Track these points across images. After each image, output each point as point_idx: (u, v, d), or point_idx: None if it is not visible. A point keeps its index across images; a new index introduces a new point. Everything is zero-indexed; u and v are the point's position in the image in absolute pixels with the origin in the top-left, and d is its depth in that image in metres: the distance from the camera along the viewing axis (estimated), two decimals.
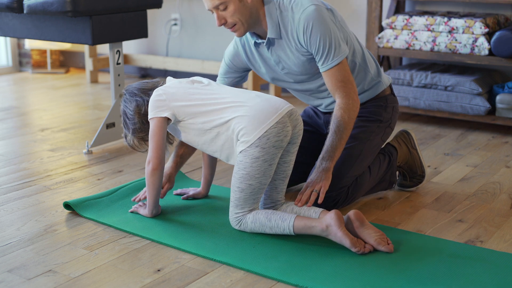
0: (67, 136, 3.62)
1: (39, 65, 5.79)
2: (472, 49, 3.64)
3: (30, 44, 5.48)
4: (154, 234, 2.27)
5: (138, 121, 2.37)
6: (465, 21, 3.64)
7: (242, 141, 2.19)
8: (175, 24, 5.15)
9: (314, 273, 1.99)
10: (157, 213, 2.43)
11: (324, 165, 2.37)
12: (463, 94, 3.69)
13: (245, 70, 2.61)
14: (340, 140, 2.37)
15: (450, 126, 3.85)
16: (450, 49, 3.71)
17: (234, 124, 2.20)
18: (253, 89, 4.33)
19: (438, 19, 3.73)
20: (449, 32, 3.70)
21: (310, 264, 2.06)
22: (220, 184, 2.82)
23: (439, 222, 2.43)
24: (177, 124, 2.31)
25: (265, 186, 2.24)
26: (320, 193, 2.32)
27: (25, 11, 3.26)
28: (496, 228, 2.37)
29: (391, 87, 2.68)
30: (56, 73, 5.61)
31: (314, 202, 2.33)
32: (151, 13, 5.18)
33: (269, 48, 2.44)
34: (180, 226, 2.35)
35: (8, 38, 5.72)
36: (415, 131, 3.71)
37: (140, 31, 3.47)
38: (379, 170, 2.61)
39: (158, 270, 2.03)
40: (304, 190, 2.35)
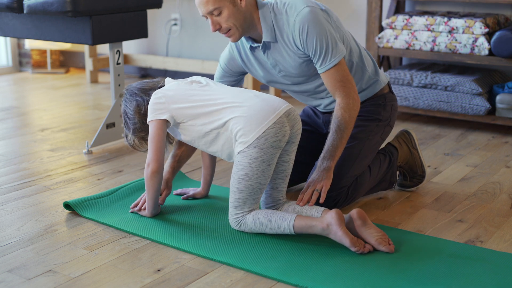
0: (67, 136, 3.62)
1: (39, 65, 5.79)
2: (472, 49, 3.64)
3: (30, 44, 5.48)
4: (154, 234, 2.27)
5: (138, 121, 2.38)
6: (465, 21, 3.64)
7: (240, 141, 2.19)
8: (175, 24, 5.15)
9: (314, 273, 1.99)
10: (157, 213, 2.43)
11: (325, 164, 2.37)
12: (463, 94, 3.69)
13: (241, 74, 2.61)
14: (341, 139, 2.37)
15: (450, 126, 3.85)
16: (450, 49, 3.71)
17: (232, 125, 2.20)
18: (253, 89, 4.32)
19: (438, 19, 3.73)
20: (449, 32, 3.70)
21: (310, 264, 2.06)
22: (220, 184, 2.82)
23: (439, 222, 2.43)
24: (177, 126, 2.32)
25: (264, 186, 2.24)
26: (322, 192, 2.33)
27: (25, 11, 3.26)
28: (496, 228, 2.37)
29: (389, 85, 2.68)
30: (56, 73, 5.61)
31: (315, 202, 2.33)
32: (151, 13, 5.18)
33: (265, 51, 2.44)
34: (180, 226, 2.35)
35: (8, 38, 5.72)
36: (415, 131, 3.71)
37: (140, 31, 3.47)
38: (379, 170, 2.61)
39: (158, 270, 2.03)
40: (305, 190, 2.35)
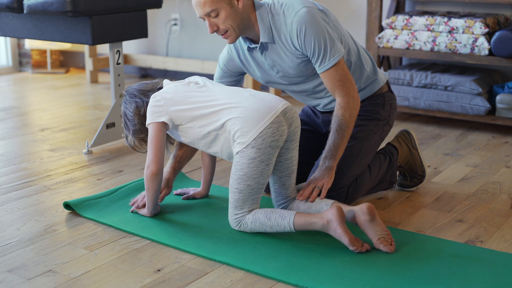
0: (67, 136, 3.62)
1: (39, 65, 5.79)
2: (472, 49, 3.64)
3: (30, 44, 5.48)
4: (154, 234, 2.27)
5: (138, 122, 2.38)
6: (465, 21, 3.64)
7: (238, 142, 2.19)
8: (175, 24, 5.15)
9: (314, 273, 1.99)
10: (156, 213, 2.43)
11: (327, 164, 2.37)
12: (463, 94, 3.69)
13: (240, 74, 2.61)
14: (342, 138, 2.37)
15: (450, 126, 3.85)
16: (450, 49, 3.71)
17: (230, 126, 2.20)
18: (253, 88, 4.32)
19: (438, 19, 3.73)
20: (449, 32, 3.70)
21: (310, 264, 2.06)
22: (220, 184, 2.82)
23: (439, 222, 2.43)
24: (176, 129, 2.32)
25: (264, 186, 2.24)
26: (323, 189, 2.33)
27: (25, 11, 3.26)
28: (496, 228, 2.37)
29: (388, 84, 2.68)
30: (56, 73, 5.61)
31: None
32: (151, 13, 5.18)
33: (262, 52, 2.44)
34: (180, 226, 2.35)
35: (8, 38, 5.72)
36: (415, 131, 3.71)
37: (140, 31, 3.47)
38: (379, 170, 2.61)
39: (158, 270, 2.03)
40: (306, 186, 2.35)
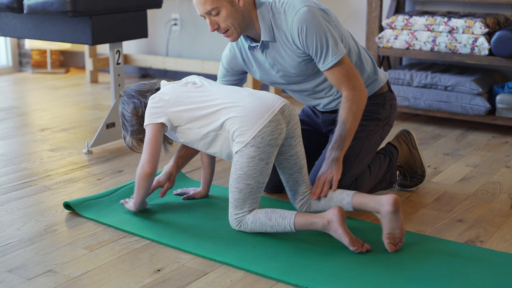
0: (67, 136, 3.62)
1: (39, 65, 5.79)
2: (472, 49, 3.64)
3: (30, 44, 5.48)
4: (154, 234, 2.27)
5: (136, 123, 2.38)
6: (465, 21, 3.64)
7: (237, 141, 2.19)
8: (175, 24, 5.15)
9: (314, 273, 1.99)
10: (142, 209, 2.46)
11: (333, 155, 2.37)
12: (463, 94, 3.69)
13: (242, 73, 2.61)
14: (349, 130, 2.37)
15: (450, 126, 3.85)
16: (450, 49, 3.71)
17: (229, 125, 2.20)
18: (253, 88, 4.32)
19: (438, 19, 3.73)
20: (449, 32, 3.70)
21: (310, 264, 2.06)
22: (220, 184, 2.82)
23: (439, 222, 2.43)
24: (175, 130, 2.32)
25: (263, 186, 2.24)
26: (333, 181, 2.34)
27: (25, 11, 3.26)
28: (496, 228, 2.37)
29: (388, 84, 2.67)
30: (56, 73, 5.61)
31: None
32: (151, 13, 5.18)
33: (263, 51, 2.44)
34: (180, 226, 2.35)
35: (8, 38, 5.72)
36: (415, 131, 3.71)
37: (140, 31, 3.47)
38: (379, 169, 2.61)
39: (158, 270, 2.03)
40: (316, 183, 2.36)
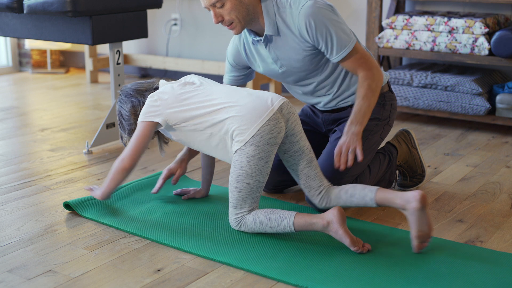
0: (67, 136, 3.62)
1: (39, 65, 5.79)
2: (472, 49, 3.64)
3: (30, 44, 5.48)
4: (154, 234, 2.27)
5: (133, 122, 2.39)
6: (465, 21, 3.64)
7: (236, 140, 2.19)
8: (175, 24, 5.15)
9: (314, 273, 1.99)
10: (107, 199, 2.47)
11: (353, 129, 2.35)
12: (463, 94, 3.69)
13: (248, 68, 2.62)
14: (368, 106, 2.37)
15: (450, 126, 3.85)
16: (450, 49, 3.71)
17: (228, 125, 2.20)
18: (253, 87, 4.32)
19: (438, 19, 3.73)
20: (449, 32, 3.70)
21: (310, 264, 2.05)
22: (220, 184, 2.82)
23: (439, 222, 2.43)
24: (170, 129, 2.32)
25: (263, 185, 2.24)
26: (358, 151, 2.31)
27: (25, 11, 3.26)
28: (496, 228, 2.37)
29: (388, 84, 2.68)
30: (56, 73, 5.61)
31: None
32: (151, 13, 5.18)
33: (266, 45, 2.45)
34: (180, 226, 2.35)
35: (8, 38, 5.72)
36: (415, 131, 3.71)
37: (140, 31, 3.47)
38: (379, 169, 2.61)
39: (158, 270, 2.03)
40: (338, 152, 2.33)
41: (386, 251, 2.14)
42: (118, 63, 3.39)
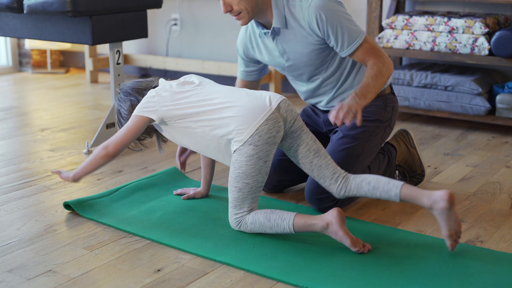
0: (67, 136, 3.62)
1: (39, 65, 5.79)
2: (472, 49, 3.64)
3: (30, 44, 5.48)
4: (154, 234, 2.27)
5: None
6: (465, 21, 3.64)
7: (235, 140, 2.19)
8: (175, 24, 5.15)
9: (314, 273, 1.99)
10: (76, 182, 2.47)
11: (357, 100, 2.25)
12: (463, 94, 3.69)
13: (259, 62, 2.63)
14: (375, 86, 2.33)
15: (450, 126, 3.85)
16: (450, 49, 3.71)
17: (226, 125, 2.20)
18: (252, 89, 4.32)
19: (438, 19, 3.73)
20: (449, 32, 3.70)
21: (310, 264, 2.05)
22: (220, 184, 2.82)
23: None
24: (164, 125, 2.31)
25: (262, 185, 2.23)
26: (358, 115, 2.20)
27: (25, 11, 3.26)
28: (496, 228, 2.37)
29: (391, 86, 2.68)
30: (56, 73, 5.61)
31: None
32: (151, 13, 5.18)
33: (274, 38, 2.46)
34: (180, 226, 2.35)
35: (8, 38, 5.72)
36: (415, 131, 3.71)
37: (140, 31, 3.47)
38: (378, 169, 2.61)
39: (158, 270, 2.03)
40: (338, 109, 2.20)
41: (386, 251, 2.14)
42: (118, 63, 3.39)
